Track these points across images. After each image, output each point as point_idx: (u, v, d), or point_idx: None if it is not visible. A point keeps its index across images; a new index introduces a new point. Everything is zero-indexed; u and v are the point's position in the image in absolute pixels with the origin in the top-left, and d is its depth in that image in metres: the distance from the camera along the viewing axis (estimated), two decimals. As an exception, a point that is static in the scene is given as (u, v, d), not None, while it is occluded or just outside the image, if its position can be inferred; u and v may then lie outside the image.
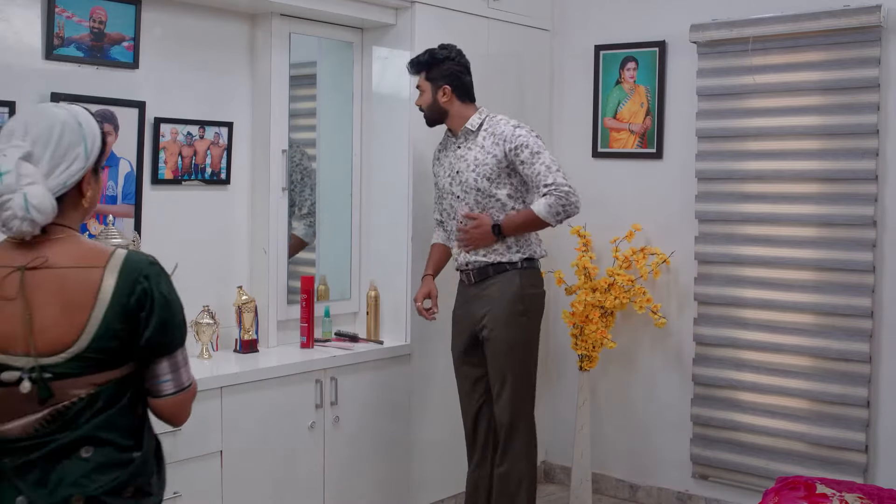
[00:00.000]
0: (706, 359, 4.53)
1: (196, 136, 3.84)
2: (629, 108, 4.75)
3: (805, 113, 4.23)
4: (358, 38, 4.41)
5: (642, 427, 4.79)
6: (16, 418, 1.91)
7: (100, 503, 1.91)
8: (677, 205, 4.60)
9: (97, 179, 2.03)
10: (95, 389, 1.92)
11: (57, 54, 3.38)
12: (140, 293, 1.93)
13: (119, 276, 1.92)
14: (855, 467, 4.15)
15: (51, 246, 1.93)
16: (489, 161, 3.79)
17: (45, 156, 1.91)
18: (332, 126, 4.46)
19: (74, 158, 1.94)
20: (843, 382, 4.17)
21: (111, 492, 1.93)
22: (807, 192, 4.25)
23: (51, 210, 1.89)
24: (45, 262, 1.91)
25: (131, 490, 1.97)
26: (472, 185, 3.81)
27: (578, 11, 4.95)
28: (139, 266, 1.95)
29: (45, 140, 1.91)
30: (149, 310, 1.94)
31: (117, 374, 1.95)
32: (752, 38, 4.30)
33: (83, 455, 1.92)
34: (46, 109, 1.99)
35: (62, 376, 1.89)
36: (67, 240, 1.95)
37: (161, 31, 3.72)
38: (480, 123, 3.87)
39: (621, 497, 4.84)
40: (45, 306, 1.89)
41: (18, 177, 1.87)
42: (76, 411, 1.91)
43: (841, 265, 4.17)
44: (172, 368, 2.01)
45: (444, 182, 3.93)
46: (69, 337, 1.89)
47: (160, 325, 1.96)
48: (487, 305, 3.84)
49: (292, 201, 4.22)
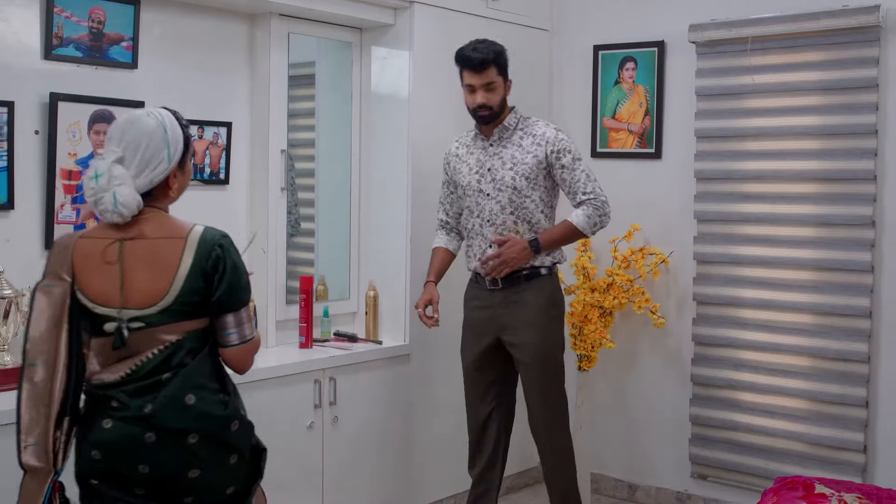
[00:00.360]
0: (705, 359, 4.53)
1: (195, 136, 3.84)
2: (628, 108, 4.75)
3: (804, 113, 4.23)
4: (357, 38, 4.41)
5: (641, 427, 4.79)
6: (114, 365, 2.37)
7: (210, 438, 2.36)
8: (676, 205, 4.61)
9: (184, 172, 2.49)
10: (182, 336, 2.38)
11: (56, 54, 3.38)
12: (214, 259, 2.37)
13: (198, 245, 2.37)
14: (853, 467, 4.15)
15: (144, 222, 2.38)
16: (529, 161, 3.75)
17: (134, 161, 2.36)
18: (331, 126, 4.46)
19: (159, 162, 2.39)
20: (842, 382, 4.17)
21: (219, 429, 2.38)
22: (806, 192, 4.25)
23: (135, 206, 2.35)
24: (140, 235, 2.37)
25: (237, 423, 2.43)
26: (508, 184, 3.76)
27: (577, 11, 4.95)
28: (214, 238, 2.40)
29: (135, 147, 2.36)
30: (221, 273, 2.38)
31: (198, 324, 2.41)
32: (750, 38, 4.30)
33: (187, 402, 2.34)
34: (139, 119, 2.40)
35: (153, 325, 2.35)
36: (156, 217, 2.41)
37: (160, 31, 3.72)
38: (516, 122, 3.84)
39: (620, 497, 4.84)
40: (139, 270, 2.36)
41: (110, 178, 2.33)
42: (166, 356, 2.36)
43: (840, 265, 4.17)
44: (237, 323, 2.43)
45: (469, 179, 3.85)
46: (159, 293, 2.35)
47: (229, 286, 2.39)
48: (520, 311, 3.78)
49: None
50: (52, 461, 2.33)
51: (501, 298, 3.82)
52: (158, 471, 2.34)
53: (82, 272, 2.38)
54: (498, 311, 3.83)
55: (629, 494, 4.84)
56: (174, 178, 2.45)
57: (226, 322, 2.42)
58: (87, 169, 2.43)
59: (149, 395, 2.33)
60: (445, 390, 4.38)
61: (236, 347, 2.45)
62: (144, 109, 2.47)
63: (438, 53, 4.33)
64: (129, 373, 2.35)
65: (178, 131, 2.45)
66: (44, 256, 3.37)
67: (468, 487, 4.28)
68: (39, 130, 3.37)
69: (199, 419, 2.35)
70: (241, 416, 2.47)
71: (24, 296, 3.18)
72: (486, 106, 3.77)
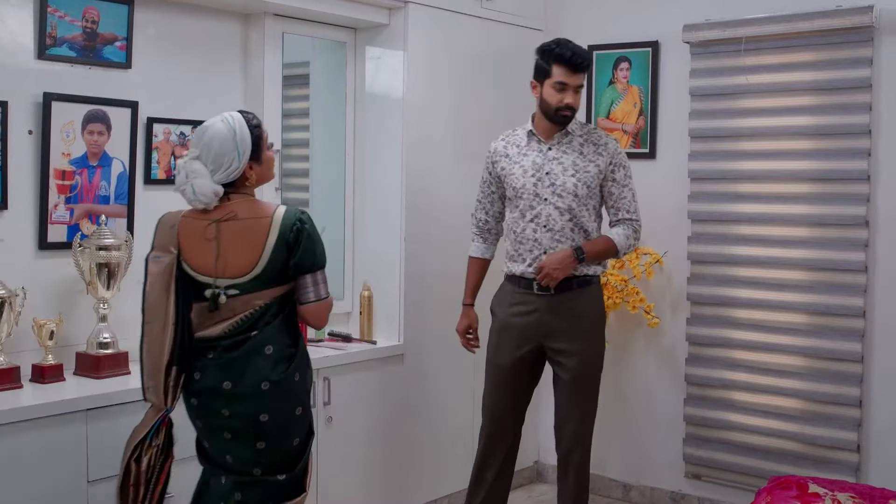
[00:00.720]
0: (699, 358, 4.54)
1: (189, 136, 3.83)
2: (622, 108, 4.75)
3: (798, 113, 4.24)
4: (351, 38, 4.41)
5: (635, 427, 4.80)
6: (216, 324, 2.86)
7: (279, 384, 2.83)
8: (670, 205, 4.61)
9: (261, 164, 2.93)
10: (269, 300, 2.88)
11: (49, 54, 3.37)
12: (296, 232, 2.85)
13: (282, 222, 2.86)
14: (847, 467, 4.16)
15: (236, 206, 2.87)
16: (591, 169, 3.71)
17: (208, 160, 2.84)
18: (326, 126, 4.46)
19: (231, 161, 2.84)
20: (836, 382, 4.18)
21: (286, 377, 2.85)
22: (799, 192, 4.26)
23: (212, 195, 2.83)
24: (233, 216, 2.86)
25: (298, 375, 2.89)
26: (570, 190, 3.68)
27: (571, 11, 4.95)
28: (295, 214, 2.89)
29: (207, 149, 2.84)
30: (299, 242, 2.86)
31: (281, 290, 2.90)
32: (744, 38, 4.31)
33: (266, 352, 2.84)
34: (214, 124, 2.87)
35: (246, 291, 2.85)
36: (245, 202, 2.90)
37: (154, 30, 3.71)
38: (577, 128, 3.77)
39: (615, 497, 4.84)
40: (233, 246, 2.85)
41: (188, 173, 2.83)
42: (257, 316, 2.86)
43: (833, 265, 4.18)
44: (313, 283, 2.92)
45: (524, 182, 3.72)
46: (251, 264, 2.84)
47: (305, 251, 2.87)
48: (570, 319, 3.72)
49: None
50: (163, 400, 2.88)
51: (551, 304, 3.72)
52: (236, 415, 2.83)
53: (186, 247, 2.87)
54: (545, 317, 3.73)
55: (624, 494, 4.84)
56: (250, 170, 2.90)
57: (304, 282, 2.90)
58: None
59: (239, 349, 2.83)
60: (440, 390, 4.38)
61: (313, 304, 2.92)
62: (221, 115, 2.89)
63: (433, 53, 4.33)
64: (227, 331, 2.85)
65: (247, 135, 2.87)
66: (38, 257, 3.38)
67: (463, 487, 4.28)
68: (33, 130, 3.36)
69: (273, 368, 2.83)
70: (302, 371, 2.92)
71: (17, 296, 3.17)
72: (572, 108, 3.68)
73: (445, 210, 4.38)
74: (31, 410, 2.97)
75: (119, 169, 3.60)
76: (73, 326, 3.46)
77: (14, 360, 3.21)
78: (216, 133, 2.84)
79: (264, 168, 2.97)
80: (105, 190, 3.56)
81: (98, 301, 3.43)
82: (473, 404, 4.57)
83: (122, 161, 3.61)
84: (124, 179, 3.62)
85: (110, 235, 3.42)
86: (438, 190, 4.37)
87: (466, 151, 4.50)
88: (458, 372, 4.51)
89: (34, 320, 3.28)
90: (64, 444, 3.03)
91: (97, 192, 3.53)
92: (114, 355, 3.40)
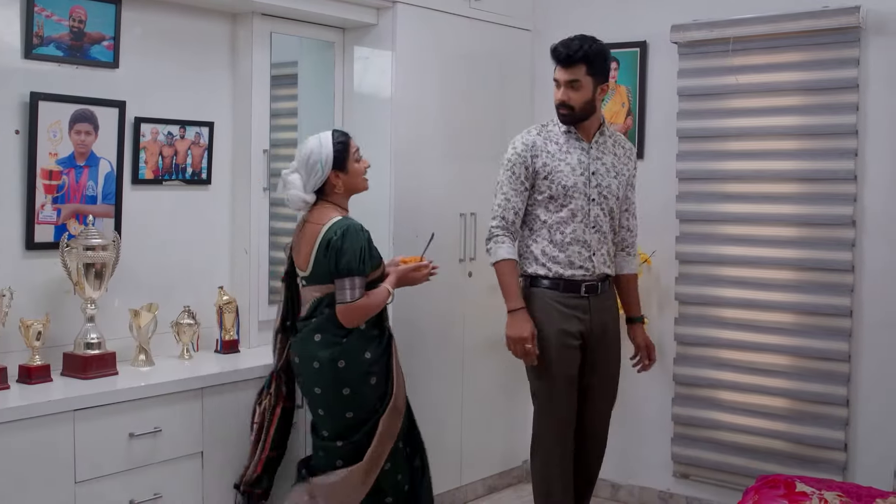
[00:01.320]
0: (687, 358, 4.55)
1: (176, 136, 3.82)
2: (610, 109, 4.76)
3: (785, 113, 4.25)
4: (339, 38, 4.40)
5: (624, 426, 4.80)
6: (303, 307, 3.52)
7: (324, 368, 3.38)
8: (658, 205, 4.61)
9: (346, 172, 3.49)
10: (323, 294, 3.44)
11: (36, 53, 3.36)
12: (328, 241, 3.36)
13: (326, 231, 3.38)
14: (834, 465, 4.17)
15: (314, 211, 3.48)
16: (625, 172, 3.74)
17: (303, 171, 3.45)
18: (314, 126, 4.43)
19: (317, 173, 3.43)
20: (823, 381, 4.20)
21: (330, 362, 3.38)
22: (787, 192, 4.28)
23: (300, 202, 3.46)
24: (309, 220, 3.48)
25: (343, 362, 3.37)
26: (614, 192, 3.71)
27: (559, 12, 4.96)
28: (335, 227, 3.39)
29: (302, 163, 3.46)
30: (331, 250, 3.35)
31: (330, 288, 3.40)
32: (732, 38, 4.32)
33: (315, 339, 3.41)
34: (308, 142, 3.48)
35: (308, 284, 3.48)
36: (319, 209, 3.48)
37: (141, 30, 3.70)
38: (607, 130, 3.78)
39: (603, 496, 4.85)
40: (302, 244, 3.47)
41: (285, 184, 3.47)
42: (314, 307, 3.45)
43: (820, 265, 4.19)
44: (341, 287, 3.35)
45: (575, 181, 3.64)
46: (307, 262, 3.44)
47: (334, 260, 3.35)
48: (608, 315, 3.78)
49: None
50: (274, 360, 3.62)
51: (594, 305, 3.72)
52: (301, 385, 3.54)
53: (293, 241, 3.56)
54: (594, 317, 3.72)
55: (612, 494, 4.85)
56: (336, 178, 3.46)
57: (338, 285, 3.37)
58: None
59: (301, 332, 3.47)
60: (432, 391, 4.37)
61: (341, 305, 3.37)
62: (317, 134, 3.48)
63: (421, 53, 4.33)
64: (304, 315, 3.48)
65: (329, 148, 3.43)
66: (25, 257, 3.37)
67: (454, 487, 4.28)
68: (20, 130, 3.35)
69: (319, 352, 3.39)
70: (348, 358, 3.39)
71: (4, 296, 3.16)
72: (565, 104, 3.62)
73: (434, 210, 4.38)
74: (19, 411, 2.95)
75: (106, 169, 3.59)
76: (61, 327, 3.45)
77: (1, 360, 3.20)
78: (308, 147, 3.44)
79: (351, 177, 3.50)
80: (92, 190, 3.55)
81: (85, 301, 3.42)
82: (461, 406, 4.58)
83: (110, 161, 3.59)
84: (112, 179, 3.60)
85: (97, 235, 3.41)
86: (427, 190, 4.37)
87: (455, 151, 4.50)
88: (446, 370, 4.51)
89: (21, 321, 3.27)
90: (51, 445, 3.02)
91: (84, 192, 3.52)
92: (101, 356, 3.39)
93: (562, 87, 3.62)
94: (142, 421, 3.27)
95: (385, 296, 3.48)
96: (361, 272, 3.36)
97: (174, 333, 3.75)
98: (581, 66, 3.58)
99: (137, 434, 3.25)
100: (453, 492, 4.58)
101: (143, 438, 3.28)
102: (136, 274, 3.69)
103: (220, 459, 3.55)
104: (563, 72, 3.60)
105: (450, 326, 4.47)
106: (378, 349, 3.47)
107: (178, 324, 3.73)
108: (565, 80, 3.60)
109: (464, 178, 4.48)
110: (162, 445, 3.33)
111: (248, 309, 4.04)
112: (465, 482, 4.67)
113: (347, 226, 3.38)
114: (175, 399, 3.39)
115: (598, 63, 3.61)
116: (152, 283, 3.76)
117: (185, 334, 3.74)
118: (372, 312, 3.42)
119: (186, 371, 3.56)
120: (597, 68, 3.60)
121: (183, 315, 3.75)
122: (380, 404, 3.45)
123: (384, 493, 3.51)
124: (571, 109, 3.63)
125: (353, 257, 3.33)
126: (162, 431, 3.33)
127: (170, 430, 3.36)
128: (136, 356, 3.59)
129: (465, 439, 4.61)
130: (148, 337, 3.60)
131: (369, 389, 3.43)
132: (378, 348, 3.47)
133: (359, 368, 3.40)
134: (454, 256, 4.52)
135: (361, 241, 3.38)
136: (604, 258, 3.74)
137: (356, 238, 3.36)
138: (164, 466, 3.35)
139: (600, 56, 3.62)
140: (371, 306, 3.41)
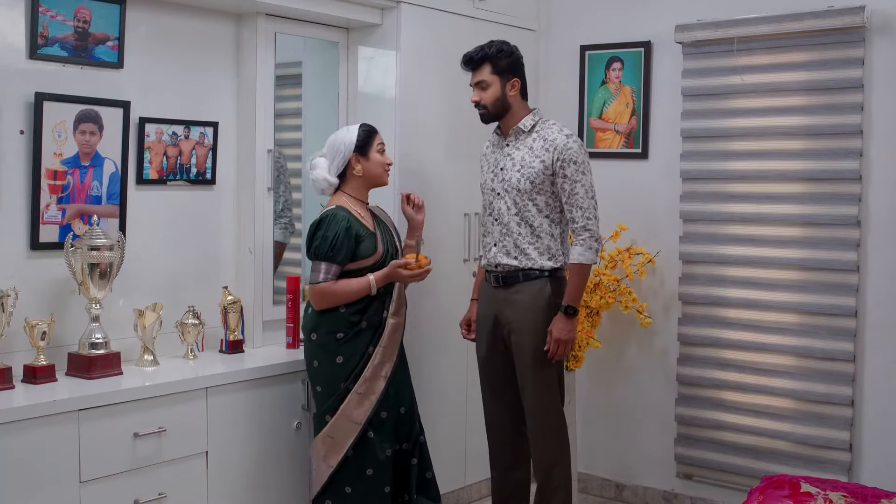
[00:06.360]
0: (690, 358, 4.55)
1: (181, 136, 3.82)
2: (615, 109, 4.76)
3: (789, 113, 4.25)
4: (343, 38, 4.40)
5: (627, 427, 4.81)
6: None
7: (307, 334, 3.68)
8: (662, 205, 4.62)
9: (367, 159, 3.69)
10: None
11: (41, 54, 3.36)
12: (312, 224, 3.61)
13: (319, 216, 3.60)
14: (839, 466, 4.17)
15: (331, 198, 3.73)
16: (536, 165, 3.73)
17: (328, 156, 3.71)
18: (318, 126, 4.45)
19: (340, 153, 3.67)
20: (828, 381, 4.19)
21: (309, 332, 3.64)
22: (791, 192, 4.27)
23: (325, 184, 3.71)
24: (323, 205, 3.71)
25: (315, 335, 3.62)
26: (513, 185, 3.75)
27: (564, 12, 4.96)
28: (325, 213, 3.60)
29: (329, 148, 3.71)
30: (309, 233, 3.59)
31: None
32: (736, 38, 4.32)
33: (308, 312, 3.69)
34: (338, 131, 3.76)
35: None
36: (334, 196, 3.73)
37: (146, 30, 3.70)
38: (533, 125, 3.80)
39: (607, 496, 4.85)
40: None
41: (312, 166, 3.72)
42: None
43: (825, 265, 4.19)
44: (312, 269, 3.57)
45: (487, 178, 3.89)
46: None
47: (310, 242, 3.58)
48: (515, 312, 3.78)
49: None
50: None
51: (501, 296, 3.82)
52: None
53: None
54: (495, 308, 3.85)
55: (616, 494, 4.85)
56: (357, 161, 3.66)
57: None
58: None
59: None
60: (433, 389, 4.37)
61: (308, 286, 3.60)
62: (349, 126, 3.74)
63: (425, 53, 4.33)
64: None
65: (353, 136, 3.65)
66: (30, 257, 3.38)
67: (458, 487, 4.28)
68: (24, 130, 3.35)
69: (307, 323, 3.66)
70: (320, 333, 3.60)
71: (8, 296, 3.16)
72: (478, 104, 3.81)
73: (438, 208, 4.38)
74: (23, 411, 2.96)
75: (111, 169, 3.59)
76: (65, 327, 3.45)
77: (6, 360, 3.20)
78: (335, 136, 3.70)
79: (371, 165, 3.68)
80: (97, 190, 3.55)
81: (90, 301, 3.42)
82: (466, 400, 4.58)
83: (114, 161, 3.60)
84: (116, 179, 3.61)
85: (102, 236, 3.41)
86: (431, 189, 4.36)
87: (459, 151, 4.49)
88: (450, 370, 4.51)
89: (26, 321, 3.27)
90: (56, 445, 3.02)
91: (89, 193, 3.52)
92: (106, 356, 3.39)
93: (474, 89, 3.82)
94: (146, 421, 3.28)
95: (363, 285, 3.57)
96: (330, 258, 3.53)
97: (179, 333, 3.75)
98: (485, 66, 3.77)
99: (142, 434, 3.25)
100: (458, 492, 4.59)
101: (148, 438, 3.28)
102: (140, 274, 3.70)
103: (224, 459, 3.55)
104: (471, 75, 3.82)
105: (455, 326, 4.46)
106: (350, 332, 3.59)
107: (182, 324, 3.74)
108: (474, 83, 3.81)
109: (468, 178, 4.47)
110: (167, 445, 3.33)
111: (253, 309, 4.04)
112: (470, 482, 4.67)
113: (330, 214, 3.58)
114: (180, 399, 3.39)
115: (501, 61, 3.77)
116: (157, 283, 3.77)
117: (189, 334, 3.74)
118: (342, 298, 3.57)
119: (191, 371, 3.56)
120: (500, 66, 3.77)
121: (187, 315, 3.75)
122: (345, 386, 3.58)
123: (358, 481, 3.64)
124: (486, 109, 3.80)
125: (323, 242, 3.53)
126: (167, 431, 3.33)
127: (174, 430, 3.36)
128: (140, 356, 3.59)
129: (469, 439, 4.60)
130: (153, 337, 3.60)
131: (335, 369, 3.58)
132: (350, 331, 3.59)
133: (327, 346, 3.58)
134: (458, 256, 4.52)
135: (337, 228, 3.54)
136: (506, 249, 3.78)
137: (332, 225, 3.54)
138: (168, 466, 3.35)
139: (501, 54, 3.77)
140: (338, 293, 3.56)
